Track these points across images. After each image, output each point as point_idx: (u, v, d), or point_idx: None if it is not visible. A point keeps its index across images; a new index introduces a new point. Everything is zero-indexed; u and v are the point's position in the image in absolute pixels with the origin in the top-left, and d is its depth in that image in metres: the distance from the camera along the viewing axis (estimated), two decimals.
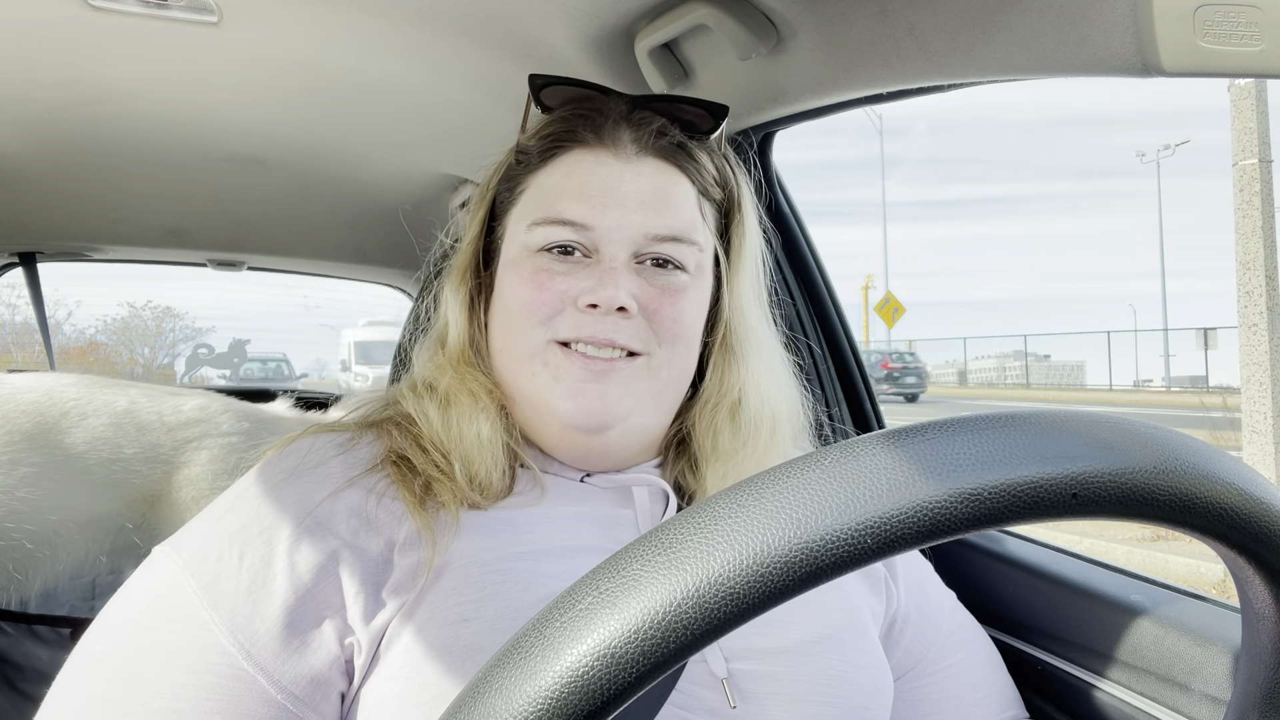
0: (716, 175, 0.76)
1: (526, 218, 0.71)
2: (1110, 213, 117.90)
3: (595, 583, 0.30)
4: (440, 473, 0.65)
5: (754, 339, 0.76)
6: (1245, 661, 0.40)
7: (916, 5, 0.79)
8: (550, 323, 0.68)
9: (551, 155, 0.72)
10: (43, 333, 2.38)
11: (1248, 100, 8.13)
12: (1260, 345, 7.67)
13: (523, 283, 0.69)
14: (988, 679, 0.79)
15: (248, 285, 12.33)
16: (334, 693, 0.59)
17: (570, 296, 0.67)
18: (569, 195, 0.69)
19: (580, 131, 0.72)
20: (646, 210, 0.69)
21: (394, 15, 1.04)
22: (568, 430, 0.68)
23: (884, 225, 30.44)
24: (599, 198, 0.69)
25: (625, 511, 0.70)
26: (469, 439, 0.67)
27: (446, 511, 0.64)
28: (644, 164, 0.71)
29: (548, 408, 0.67)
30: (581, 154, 0.71)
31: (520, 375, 0.69)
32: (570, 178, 0.70)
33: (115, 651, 0.57)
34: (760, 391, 0.74)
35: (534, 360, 0.68)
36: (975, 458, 0.31)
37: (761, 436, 0.74)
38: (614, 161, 0.70)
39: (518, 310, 0.69)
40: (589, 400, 0.66)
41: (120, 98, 1.30)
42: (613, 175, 0.70)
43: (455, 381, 0.70)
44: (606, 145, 0.71)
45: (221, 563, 0.59)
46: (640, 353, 0.68)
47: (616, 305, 0.66)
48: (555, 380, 0.67)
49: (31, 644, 1.60)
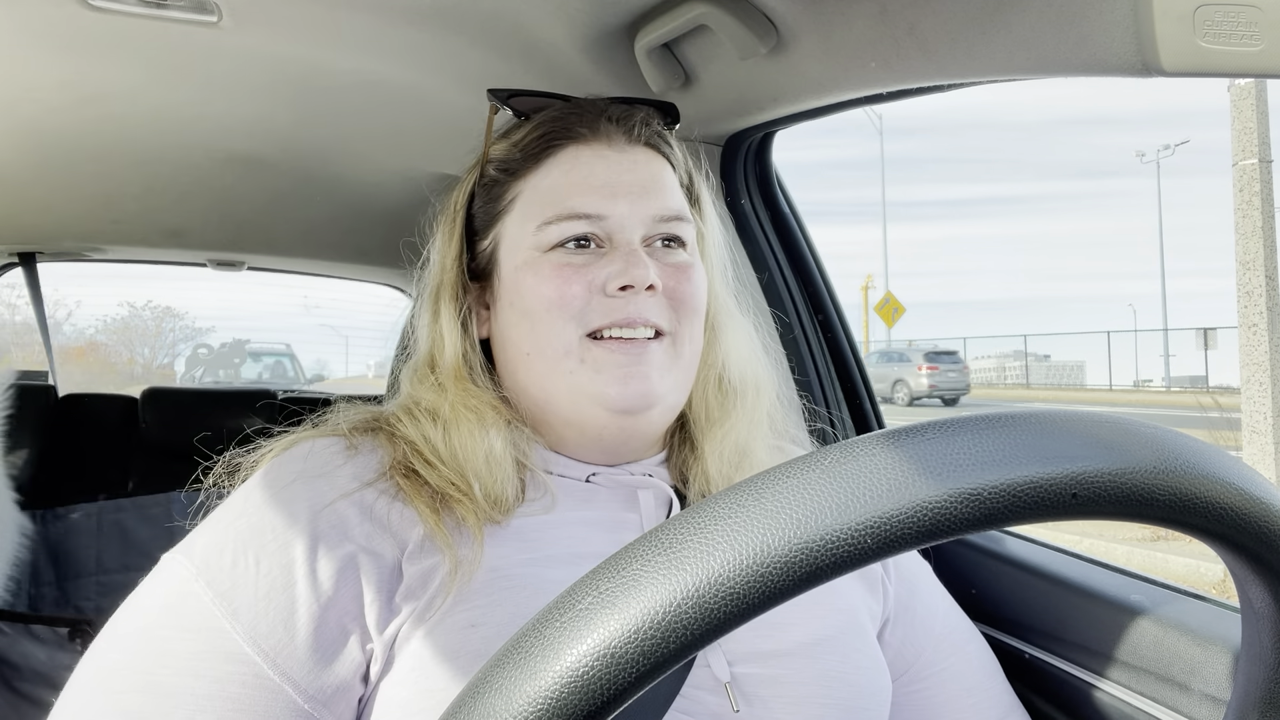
0: (684, 163, 0.79)
1: (532, 220, 0.71)
2: (1110, 213, 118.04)
3: (595, 583, 0.30)
4: (460, 492, 0.65)
5: (727, 313, 0.80)
6: (1245, 661, 0.40)
7: (916, 5, 0.79)
8: (582, 315, 0.68)
9: (543, 157, 0.73)
10: (43, 333, 2.39)
11: (1248, 100, 8.13)
12: (1260, 345, 7.67)
13: (545, 281, 0.69)
14: (983, 683, 0.78)
15: (248, 285, 12.30)
16: (354, 698, 0.59)
17: (597, 285, 0.68)
18: (576, 190, 0.71)
19: (573, 128, 0.73)
20: (650, 194, 0.72)
21: (394, 15, 1.04)
22: (615, 417, 0.68)
23: (884, 225, 30.47)
24: (606, 188, 0.71)
25: (631, 516, 0.70)
26: (479, 458, 0.67)
27: (466, 528, 0.64)
28: (636, 153, 0.74)
29: (594, 399, 0.68)
30: (577, 150, 0.73)
31: (555, 375, 0.69)
32: (572, 173, 0.72)
33: (129, 661, 0.56)
34: (739, 359, 0.79)
35: (569, 358, 0.68)
36: (975, 458, 0.31)
37: (747, 399, 0.77)
38: (611, 153, 0.73)
39: (546, 309, 0.69)
40: (637, 382, 0.68)
41: (120, 98, 1.30)
42: (613, 166, 0.72)
43: (457, 400, 0.70)
44: (600, 139, 0.73)
45: (237, 569, 0.58)
46: (666, 332, 0.70)
47: (647, 284, 0.68)
48: (597, 372, 0.68)
49: (29, 644, 1.60)
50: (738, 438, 0.75)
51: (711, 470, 0.74)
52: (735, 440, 0.75)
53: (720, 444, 0.75)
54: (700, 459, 0.75)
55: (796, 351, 1.26)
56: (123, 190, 1.76)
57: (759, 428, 0.78)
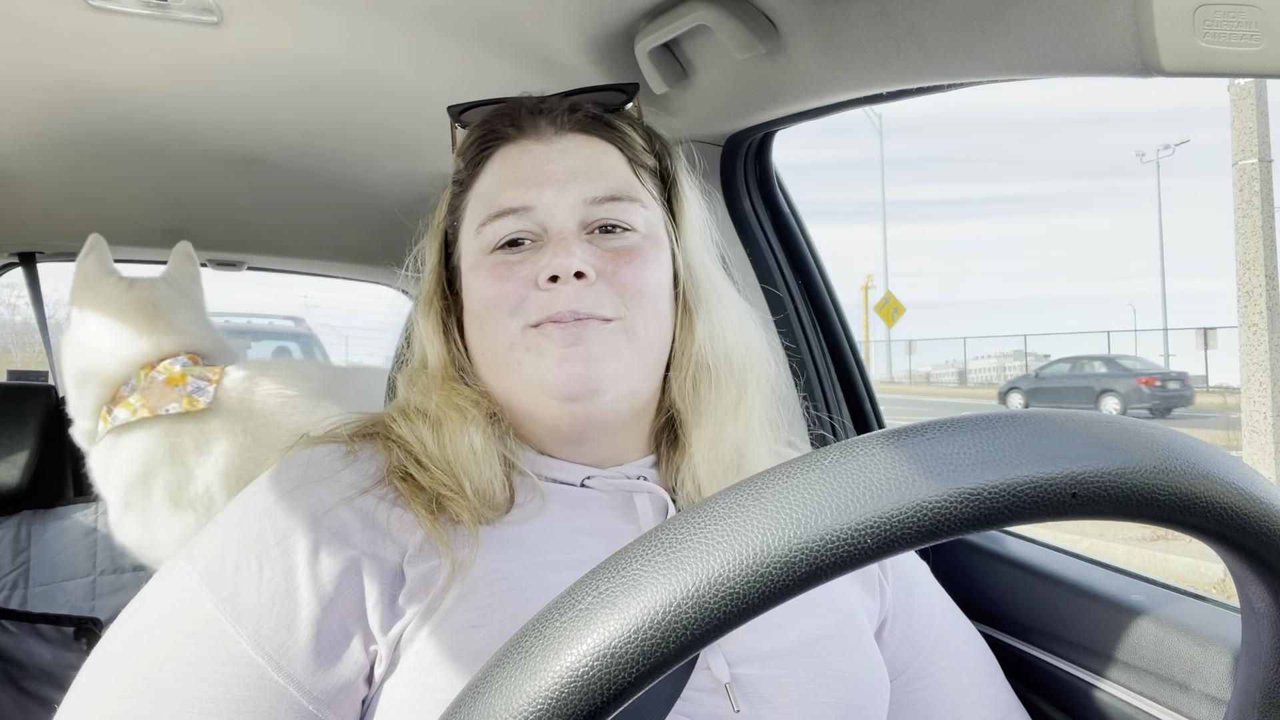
0: (645, 144, 0.78)
1: (473, 224, 0.73)
2: (1110, 212, 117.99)
3: (595, 583, 0.30)
4: (451, 491, 0.66)
5: (711, 294, 0.76)
6: (1245, 661, 0.40)
7: (916, 5, 0.79)
8: (519, 310, 0.68)
9: (480, 163, 0.75)
10: (42, 333, 2.38)
11: (1248, 100, 8.14)
12: (1260, 345, 7.68)
13: (484, 280, 0.70)
14: (981, 683, 0.78)
15: (248, 285, 12.25)
16: (357, 699, 0.60)
17: (530, 279, 0.68)
18: (505, 186, 0.72)
19: (500, 129, 0.75)
20: (580, 179, 0.71)
21: (394, 15, 1.04)
22: (563, 405, 0.67)
23: (884, 225, 30.47)
24: (531, 179, 0.71)
25: (628, 527, 0.70)
26: (464, 453, 0.67)
27: (464, 527, 0.64)
28: (566, 140, 0.74)
29: (539, 386, 0.67)
30: (507, 149, 0.74)
31: (507, 372, 0.70)
32: (502, 172, 0.73)
33: (133, 666, 0.56)
34: (724, 343, 0.75)
35: (514, 350, 0.68)
36: (975, 458, 0.31)
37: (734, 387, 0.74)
38: (537, 145, 0.73)
39: (486, 308, 0.70)
40: (574, 364, 0.66)
41: (120, 98, 1.30)
42: (539, 157, 0.72)
43: (442, 399, 0.71)
44: (527, 134, 0.74)
45: (240, 574, 0.59)
46: (612, 318, 0.68)
47: (573, 271, 0.66)
48: (540, 357, 0.67)
49: (35, 642, 1.60)
50: (731, 434, 0.73)
51: (702, 471, 0.72)
52: (728, 437, 0.73)
53: (711, 441, 0.72)
54: (689, 459, 0.73)
55: (796, 352, 1.26)
56: (123, 190, 1.76)
57: (752, 421, 0.75)
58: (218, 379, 1.39)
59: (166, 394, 1.36)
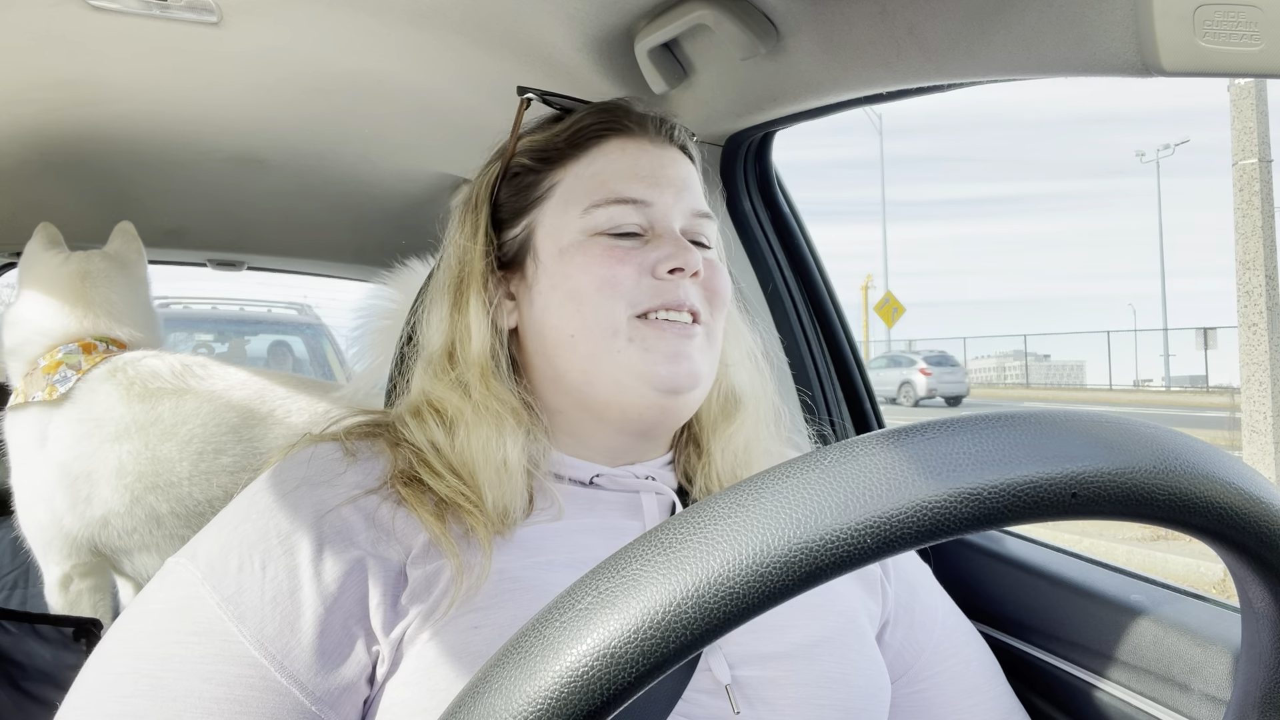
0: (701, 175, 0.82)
1: (576, 205, 0.72)
2: (1110, 212, 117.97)
3: (595, 583, 0.30)
4: (469, 503, 0.65)
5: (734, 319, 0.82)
6: (1245, 661, 0.40)
7: (916, 5, 0.79)
8: (631, 296, 0.69)
9: (588, 146, 0.75)
10: None
11: (1248, 100, 8.14)
12: (1260, 345, 7.68)
13: (597, 261, 0.70)
14: (983, 685, 0.78)
15: (248, 285, 12.20)
16: (359, 699, 0.60)
17: (645, 267, 0.70)
18: (623, 176, 0.73)
19: (621, 121, 0.76)
20: (686, 191, 0.75)
21: (394, 15, 1.04)
22: (661, 396, 0.69)
23: (884, 225, 30.46)
24: (651, 177, 0.73)
25: (634, 524, 0.70)
26: (492, 465, 0.66)
27: (474, 538, 0.63)
28: (673, 152, 0.77)
29: (642, 378, 0.68)
30: (623, 141, 0.75)
31: (600, 356, 0.69)
32: (619, 161, 0.74)
33: (136, 665, 0.56)
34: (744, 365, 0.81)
35: (617, 337, 0.69)
36: (975, 458, 0.31)
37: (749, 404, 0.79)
38: (653, 147, 0.75)
39: (597, 289, 0.69)
40: (685, 361, 0.69)
41: (120, 98, 1.30)
42: (656, 159, 0.75)
43: (480, 397, 0.69)
44: (645, 134, 0.76)
45: (243, 574, 0.59)
46: (702, 320, 0.72)
47: (694, 269, 0.70)
48: (646, 351, 0.68)
49: (34, 643, 1.60)
50: (745, 436, 0.77)
51: (720, 467, 0.75)
52: (743, 438, 0.77)
53: (727, 443, 0.76)
54: (707, 457, 0.76)
55: (796, 351, 1.26)
56: (123, 190, 1.76)
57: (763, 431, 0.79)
58: (87, 370, 1.39)
59: (38, 381, 1.38)
